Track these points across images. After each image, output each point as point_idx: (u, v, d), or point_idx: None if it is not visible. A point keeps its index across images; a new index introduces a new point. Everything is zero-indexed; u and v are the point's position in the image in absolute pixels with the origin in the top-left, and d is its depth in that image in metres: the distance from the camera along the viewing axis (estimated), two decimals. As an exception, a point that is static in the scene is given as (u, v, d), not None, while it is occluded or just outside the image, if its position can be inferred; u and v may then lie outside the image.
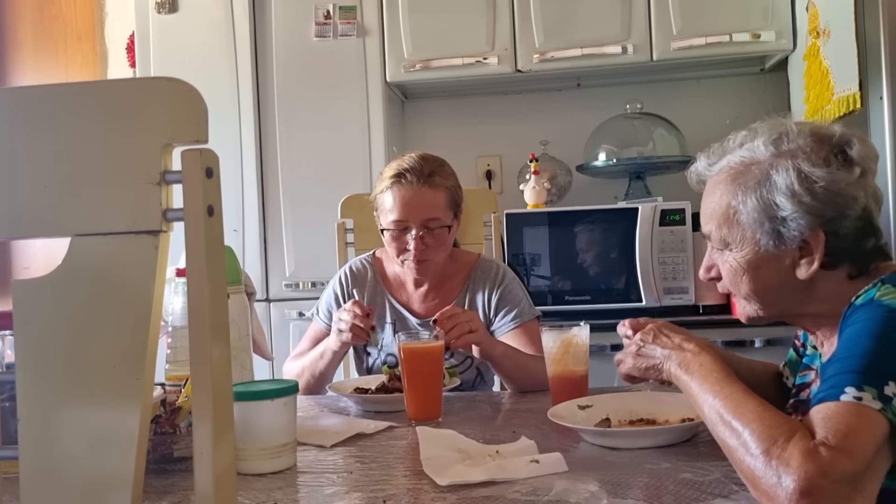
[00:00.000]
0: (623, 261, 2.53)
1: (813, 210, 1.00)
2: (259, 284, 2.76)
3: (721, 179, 1.08)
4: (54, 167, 0.66)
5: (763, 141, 1.05)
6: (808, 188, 0.99)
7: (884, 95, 2.05)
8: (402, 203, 1.72)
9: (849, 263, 1.03)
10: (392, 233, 1.74)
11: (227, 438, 0.65)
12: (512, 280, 1.84)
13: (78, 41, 3.34)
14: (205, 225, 0.64)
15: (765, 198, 1.02)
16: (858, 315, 0.94)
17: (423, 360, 1.42)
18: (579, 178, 2.96)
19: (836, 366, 0.90)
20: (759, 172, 1.03)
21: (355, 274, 1.89)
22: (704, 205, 1.11)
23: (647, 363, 1.12)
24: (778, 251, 1.03)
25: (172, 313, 1.35)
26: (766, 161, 1.04)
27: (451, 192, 1.77)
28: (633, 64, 2.74)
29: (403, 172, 1.73)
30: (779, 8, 2.65)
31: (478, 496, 0.98)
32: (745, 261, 1.06)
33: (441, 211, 1.74)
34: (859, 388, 0.85)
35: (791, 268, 1.04)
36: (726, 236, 1.07)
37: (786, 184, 1.00)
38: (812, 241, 1.01)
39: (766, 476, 0.83)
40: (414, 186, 1.72)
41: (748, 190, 1.04)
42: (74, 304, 0.65)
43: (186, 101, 0.65)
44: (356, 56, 2.80)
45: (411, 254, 1.73)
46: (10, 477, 0.74)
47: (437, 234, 1.74)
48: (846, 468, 0.80)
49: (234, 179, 2.80)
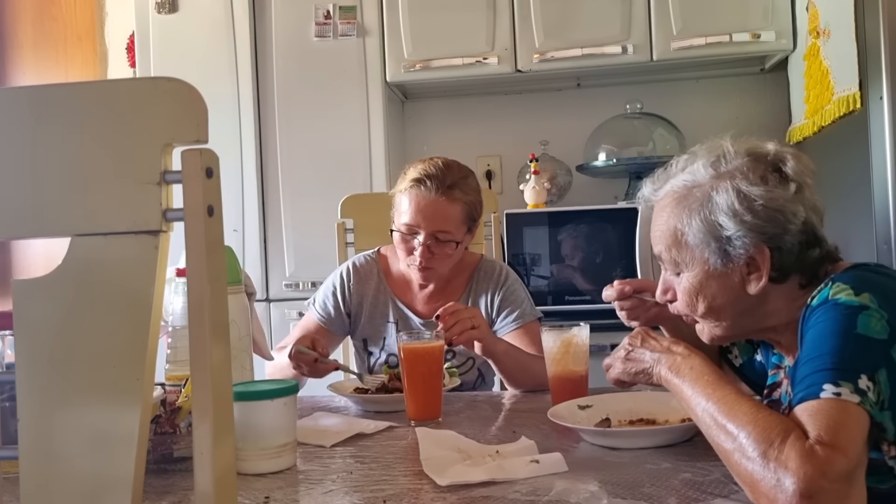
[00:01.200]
0: (623, 261, 2.53)
1: (755, 227, 1.03)
2: (259, 284, 2.76)
3: (666, 203, 1.11)
4: (54, 167, 0.66)
5: (703, 164, 1.09)
6: (749, 207, 1.03)
7: (884, 95, 2.05)
8: (416, 208, 1.71)
9: (797, 274, 1.06)
10: (402, 235, 1.75)
11: (227, 438, 0.65)
12: (514, 281, 1.84)
13: (78, 41, 3.34)
14: (205, 225, 0.64)
15: (708, 219, 1.05)
16: (817, 316, 0.96)
17: (423, 360, 1.42)
18: (579, 178, 2.96)
19: (807, 366, 0.92)
20: (701, 195, 1.07)
21: (359, 271, 1.88)
22: (653, 228, 1.14)
23: (637, 367, 1.13)
24: (726, 269, 1.06)
25: (172, 313, 1.35)
26: (707, 183, 1.07)
27: (470, 207, 1.75)
28: (633, 64, 2.74)
29: (424, 178, 1.71)
30: (779, 8, 2.65)
31: (478, 496, 0.98)
32: (697, 281, 1.08)
33: (453, 225, 1.72)
34: (836, 384, 0.87)
35: (741, 285, 1.06)
36: (676, 258, 1.10)
37: (727, 204, 1.04)
38: (758, 257, 1.04)
39: (765, 479, 0.83)
40: (432, 195, 1.70)
41: (692, 212, 1.07)
42: (74, 304, 0.65)
43: (186, 101, 0.65)
44: (356, 56, 2.80)
45: (416, 259, 1.73)
46: (10, 477, 0.74)
47: (444, 247, 1.73)
48: (842, 466, 0.81)
49: (234, 179, 2.80)
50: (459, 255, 1.80)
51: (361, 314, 1.86)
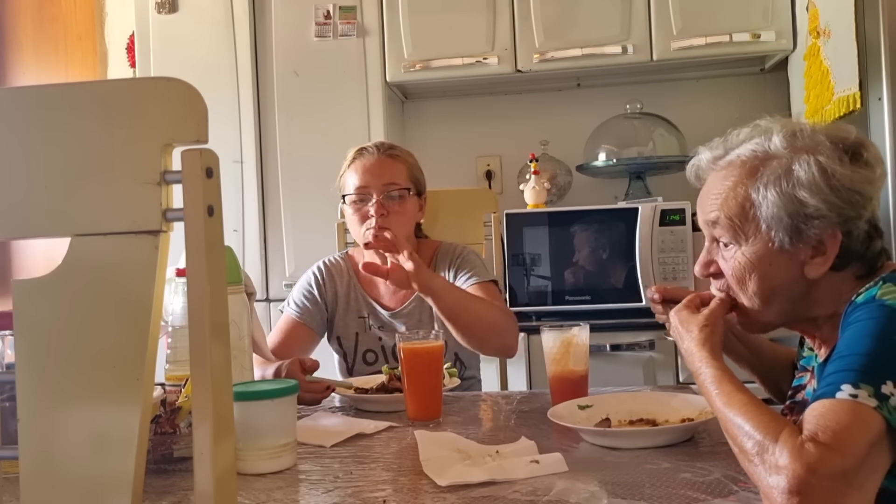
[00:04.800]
0: (623, 261, 2.53)
1: (834, 208, 0.97)
2: (259, 284, 2.76)
3: (732, 171, 1.04)
4: (54, 167, 0.66)
5: (778, 136, 1.02)
6: (830, 184, 0.97)
7: (883, 96, 2.05)
8: (363, 170, 1.80)
9: (857, 264, 1.02)
10: (354, 203, 1.80)
11: (227, 438, 0.65)
12: (470, 253, 1.89)
13: (78, 41, 3.34)
14: (205, 225, 0.64)
15: (788, 192, 0.99)
16: (859, 313, 0.93)
17: (422, 359, 1.42)
18: (579, 178, 2.96)
19: (835, 364, 0.90)
20: (780, 166, 1.00)
21: (330, 268, 1.92)
22: (708, 192, 1.07)
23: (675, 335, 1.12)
24: (792, 248, 1.00)
25: (172, 313, 1.35)
26: (785, 155, 1.00)
27: (412, 168, 1.86)
28: (633, 64, 2.74)
29: (365, 147, 1.85)
30: (779, 8, 2.64)
31: (478, 496, 0.98)
32: (756, 257, 1.02)
33: (401, 178, 1.82)
34: (856, 386, 0.85)
35: (800, 266, 1.01)
36: (739, 229, 1.03)
37: (808, 178, 0.98)
38: (828, 241, 0.99)
39: (761, 478, 0.84)
40: (375, 156, 1.82)
41: (769, 184, 1.00)
42: (74, 305, 0.65)
43: (186, 101, 0.65)
44: (356, 56, 2.80)
45: (372, 221, 1.75)
46: (10, 477, 0.74)
47: (397, 202, 1.79)
48: (836, 464, 0.80)
49: (234, 179, 2.80)
50: (413, 215, 1.85)
51: (337, 310, 1.89)
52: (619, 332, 2.41)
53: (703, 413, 1.20)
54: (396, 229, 1.72)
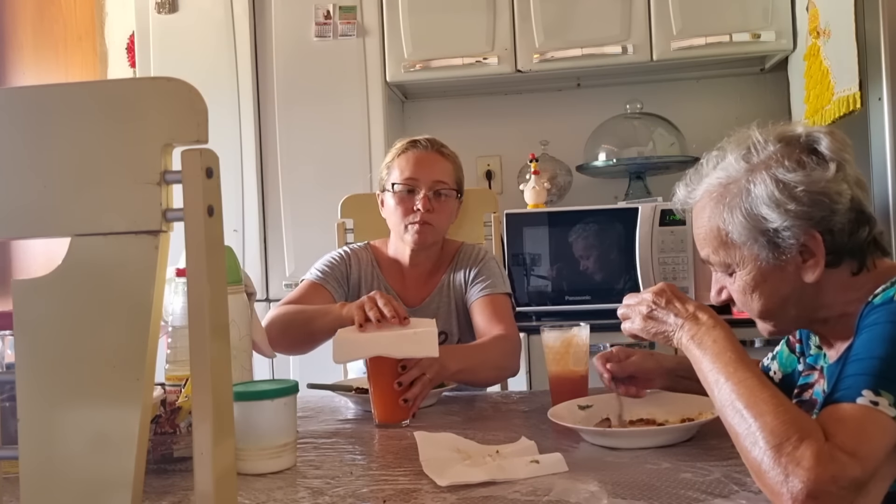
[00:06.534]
0: (623, 261, 2.53)
1: (800, 214, 0.99)
2: (259, 284, 2.76)
3: (704, 205, 1.08)
4: (54, 167, 0.66)
5: (734, 158, 1.05)
6: (790, 194, 0.99)
7: (883, 96, 2.05)
8: (414, 162, 1.81)
9: (850, 258, 1.03)
10: (401, 193, 1.79)
11: (227, 438, 0.65)
12: (491, 259, 1.89)
13: (78, 41, 3.34)
14: (205, 225, 0.64)
15: (751, 213, 1.01)
16: (877, 315, 0.93)
17: (387, 360, 1.39)
18: (579, 178, 2.96)
19: (853, 366, 0.89)
20: (738, 189, 1.03)
21: (356, 253, 1.90)
22: (695, 231, 1.11)
23: (658, 328, 1.10)
24: (779, 262, 1.02)
25: (172, 313, 1.35)
26: (742, 177, 1.03)
27: (458, 170, 1.87)
28: (633, 64, 2.74)
29: (417, 140, 1.86)
30: (779, 8, 2.65)
31: (478, 496, 0.98)
32: (751, 278, 1.05)
33: (449, 177, 1.83)
34: (876, 393, 0.84)
35: (796, 274, 1.02)
36: (725, 258, 1.06)
37: (766, 194, 1.00)
38: (810, 243, 1.00)
39: (772, 472, 0.82)
40: (427, 151, 1.84)
41: (733, 208, 1.03)
42: (74, 304, 0.65)
43: (186, 101, 0.65)
44: (356, 56, 2.80)
45: (417, 215, 1.76)
46: (10, 477, 0.74)
47: (443, 200, 1.80)
48: (856, 475, 0.80)
49: (234, 179, 2.80)
50: (455, 214, 1.86)
51: (359, 295, 1.84)
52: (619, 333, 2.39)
53: (704, 413, 1.20)
54: (438, 226, 1.80)
